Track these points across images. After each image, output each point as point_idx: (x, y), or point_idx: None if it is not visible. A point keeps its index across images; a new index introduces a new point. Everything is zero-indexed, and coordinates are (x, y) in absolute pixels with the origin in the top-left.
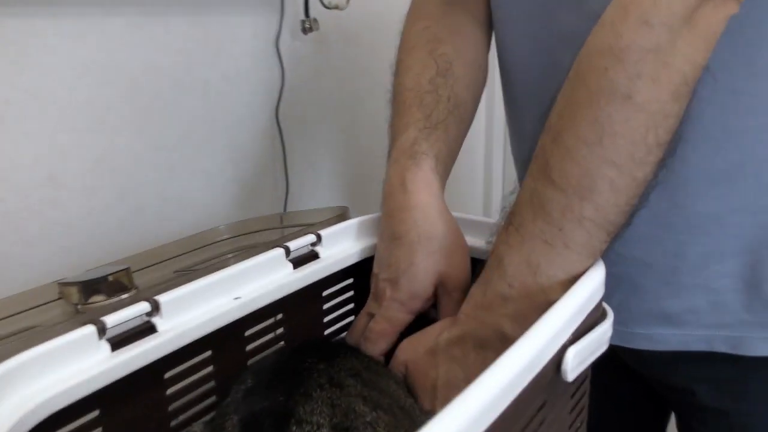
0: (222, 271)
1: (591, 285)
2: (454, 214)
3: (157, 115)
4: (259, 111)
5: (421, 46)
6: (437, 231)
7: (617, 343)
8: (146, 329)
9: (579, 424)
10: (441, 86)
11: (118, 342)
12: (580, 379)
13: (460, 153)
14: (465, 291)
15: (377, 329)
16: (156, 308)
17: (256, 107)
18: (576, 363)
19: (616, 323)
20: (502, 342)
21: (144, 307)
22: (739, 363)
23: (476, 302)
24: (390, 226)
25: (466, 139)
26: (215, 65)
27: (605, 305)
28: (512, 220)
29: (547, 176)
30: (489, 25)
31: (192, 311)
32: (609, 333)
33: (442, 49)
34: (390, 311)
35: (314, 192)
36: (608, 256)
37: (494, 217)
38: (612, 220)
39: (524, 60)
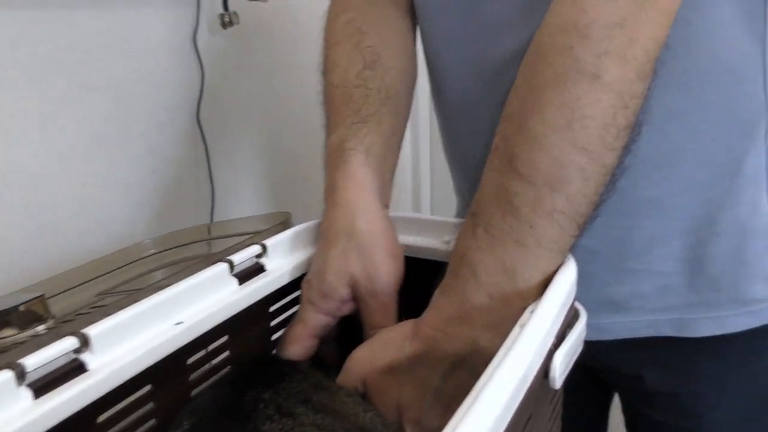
0: (160, 293)
1: (567, 284)
2: (408, 214)
3: (64, 121)
4: (178, 112)
5: (345, 40)
6: (356, 229)
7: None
8: (75, 369)
9: (556, 431)
10: (370, 79)
11: (42, 387)
12: None
13: None
14: (386, 297)
15: (290, 332)
16: (85, 343)
17: (174, 108)
18: (563, 368)
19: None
20: (477, 355)
21: (71, 343)
22: (685, 345)
23: (448, 315)
24: (319, 227)
25: None
26: (127, 64)
27: (577, 303)
28: (478, 219)
29: (513, 168)
30: (414, 15)
31: (127, 343)
32: (584, 332)
33: (368, 41)
34: (304, 312)
35: (242, 197)
36: None
37: (425, 213)
38: (583, 211)
39: (451, 52)
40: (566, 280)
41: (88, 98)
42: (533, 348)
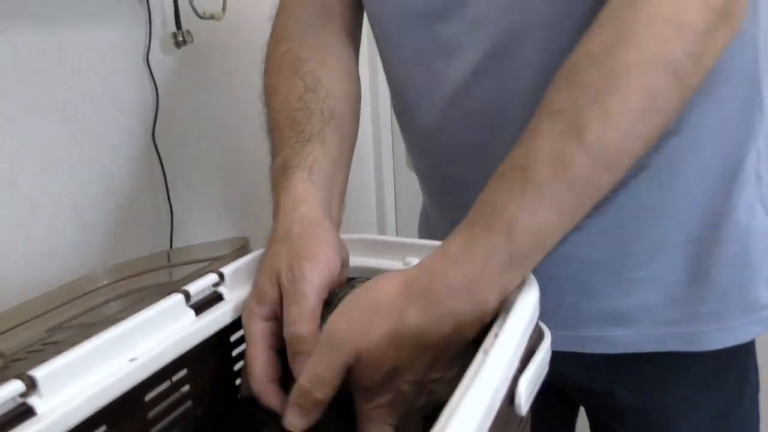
0: (112, 329)
1: (531, 305)
2: (345, 236)
3: (9, 145)
4: (132, 134)
5: (285, 67)
6: (291, 234)
7: (567, 348)
8: (22, 414)
9: None
10: (311, 101)
11: None
12: None
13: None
14: (306, 297)
15: (246, 358)
16: (32, 386)
17: (128, 130)
18: (528, 393)
19: (566, 328)
20: (485, 316)
21: (16, 387)
22: (657, 360)
23: (469, 270)
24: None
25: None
26: (75, 86)
27: (541, 324)
28: (528, 176)
29: (580, 138)
30: (356, 37)
31: (78, 383)
32: (549, 354)
33: (308, 66)
34: (246, 327)
35: (203, 221)
36: (556, 259)
37: (390, 234)
38: (600, 201)
39: (407, 71)
40: (529, 301)
41: (35, 120)
42: (498, 375)
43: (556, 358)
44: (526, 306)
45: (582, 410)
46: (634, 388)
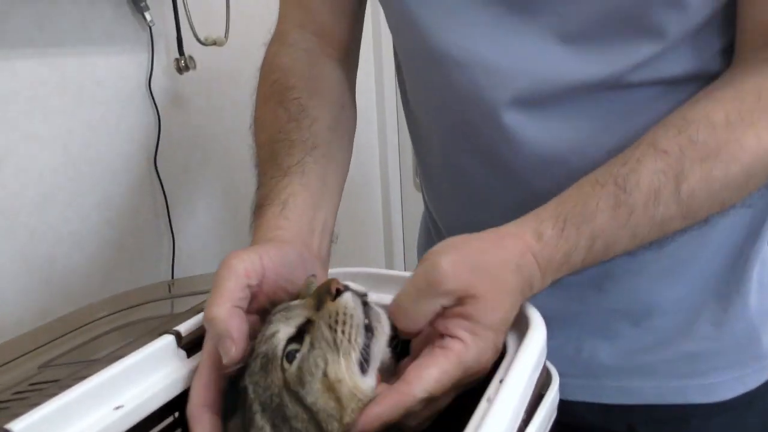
0: (96, 376)
1: (538, 347)
2: (341, 269)
3: (9, 172)
4: (134, 161)
5: (271, 98)
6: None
7: (583, 398)
8: None
9: None
10: (293, 131)
11: None
12: None
13: (356, 207)
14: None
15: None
16: None
17: (130, 157)
18: None
19: (583, 377)
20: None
21: None
22: (678, 409)
23: (554, 259)
24: None
25: (360, 177)
26: (76, 113)
27: (549, 365)
28: (627, 198)
29: (678, 184)
30: (353, 56)
31: None
32: (557, 399)
33: (294, 95)
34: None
35: (206, 248)
36: (581, 307)
37: (398, 257)
38: (662, 241)
39: (431, 113)
40: (537, 341)
41: (34, 149)
42: (502, 429)
43: (564, 404)
44: (534, 347)
45: None
46: (656, 430)
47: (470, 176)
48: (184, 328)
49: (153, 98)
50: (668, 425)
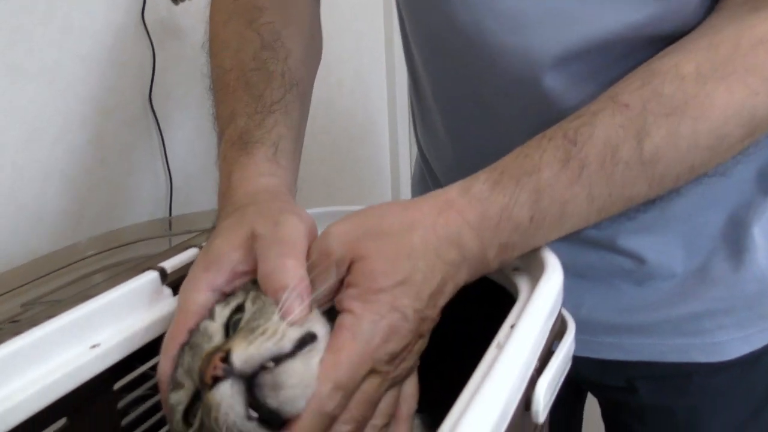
0: (69, 312)
1: (554, 291)
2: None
3: None
4: (127, 97)
5: (238, 16)
6: (257, 199)
7: (580, 353)
8: None
9: None
10: (269, 61)
11: None
12: None
13: (363, 139)
14: (293, 246)
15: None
16: None
17: (124, 93)
18: (548, 398)
19: (583, 332)
20: (481, 265)
21: None
22: (679, 367)
23: (486, 213)
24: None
25: (369, 124)
26: (65, 45)
27: (564, 312)
28: (578, 152)
29: (639, 141)
30: None
31: (31, 371)
32: (573, 349)
33: (265, 18)
34: (180, 298)
35: (204, 189)
36: (582, 260)
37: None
38: (628, 209)
39: (431, 63)
40: (552, 285)
41: (20, 83)
42: (513, 376)
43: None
44: (549, 291)
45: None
46: (657, 387)
47: (483, 140)
48: (170, 264)
49: (147, 30)
50: (668, 382)
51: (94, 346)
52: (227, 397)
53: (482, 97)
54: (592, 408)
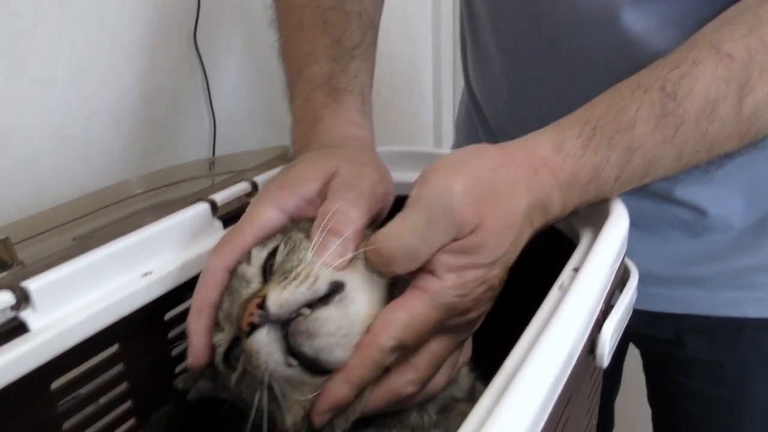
0: (122, 239)
1: (619, 237)
2: (403, 147)
3: (42, 40)
4: (173, 38)
5: None
6: (344, 143)
7: None
8: (12, 329)
9: (594, 409)
10: (346, 0)
11: None
12: None
13: (407, 84)
14: (365, 198)
15: (225, 236)
16: (24, 298)
17: (169, 33)
18: (613, 341)
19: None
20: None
21: (5, 299)
22: (731, 321)
23: (577, 174)
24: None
25: (413, 72)
26: None
27: (628, 261)
28: (676, 107)
29: (741, 96)
30: None
31: (80, 297)
32: (635, 296)
33: None
34: (250, 209)
35: (247, 135)
36: (640, 212)
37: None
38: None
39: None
40: (619, 231)
41: (69, 17)
42: (579, 317)
43: None
44: (616, 236)
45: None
46: (706, 340)
47: (543, 79)
48: (221, 197)
49: None
50: (718, 336)
51: (146, 274)
52: (264, 344)
53: (548, 33)
54: (632, 360)
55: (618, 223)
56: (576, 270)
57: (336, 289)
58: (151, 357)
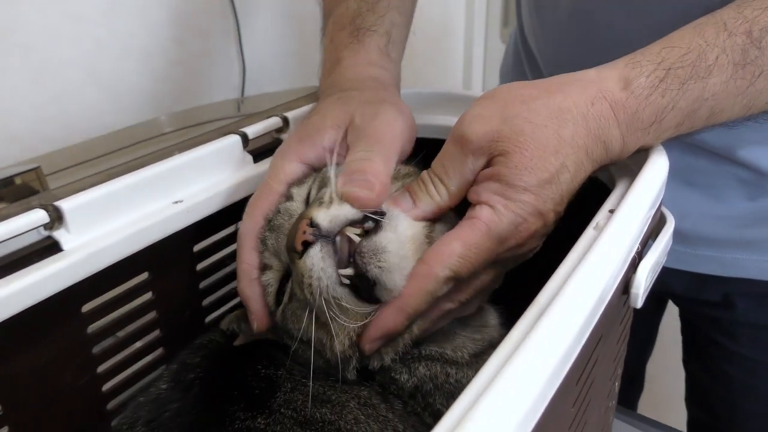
0: (154, 165)
1: (658, 181)
2: (433, 88)
3: None
4: None
5: None
6: (360, 85)
7: (675, 266)
8: (46, 248)
9: (621, 358)
10: None
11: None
12: None
13: (438, 29)
14: (386, 141)
15: (254, 194)
16: (58, 218)
17: None
18: (648, 282)
19: (682, 243)
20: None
21: (38, 216)
22: None
23: (643, 113)
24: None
25: (443, 16)
26: None
27: (664, 209)
28: (759, 58)
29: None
30: None
31: (113, 220)
32: (671, 242)
33: None
34: (272, 163)
35: (276, 76)
36: (697, 169)
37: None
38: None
39: None
40: (657, 175)
41: None
42: (615, 255)
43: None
44: (653, 181)
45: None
46: (757, 304)
47: (606, 26)
48: (252, 130)
49: None
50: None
51: (177, 202)
52: (318, 260)
53: None
54: (666, 321)
55: (656, 168)
56: (612, 212)
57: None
58: (180, 288)
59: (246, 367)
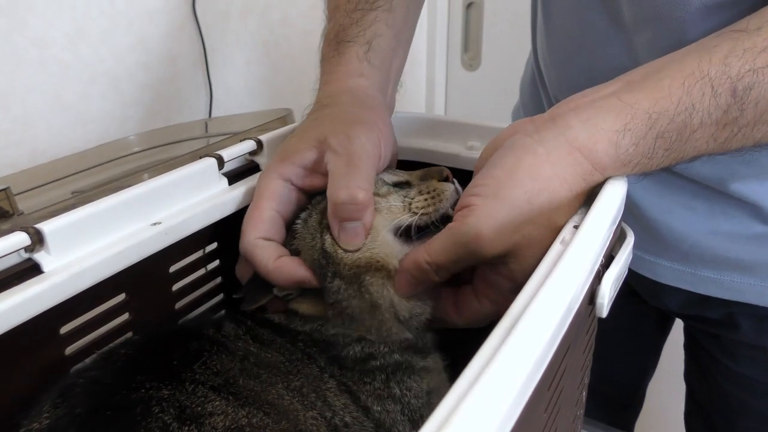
0: (134, 188)
1: (617, 199)
2: (403, 113)
3: (40, 3)
4: (172, 4)
5: None
6: (337, 100)
7: (676, 284)
8: (26, 270)
9: (587, 368)
10: None
11: None
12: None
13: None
14: (361, 160)
15: (246, 215)
16: (39, 240)
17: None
18: (612, 293)
19: (679, 262)
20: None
21: (20, 239)
22: None
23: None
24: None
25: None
26: None
27: (624, 225)
28: (745, 99)
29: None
30: None
31: (93, 243)
32: (631, 257)
33: None
34: (259, 183)
35: (243, 101)
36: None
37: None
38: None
39: None
40: (616, 194)
41: None
42: (580, 268)
43: (657, 285)
44: (612, 199)
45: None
46: (757, 324)
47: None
48: (227, 153)
49: None
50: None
51: (155, 224)
52: (452, 190)
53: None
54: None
55: (616, 187)
56: (576, 227)
57: None
58: (156, 308)
59: (180, 344)
